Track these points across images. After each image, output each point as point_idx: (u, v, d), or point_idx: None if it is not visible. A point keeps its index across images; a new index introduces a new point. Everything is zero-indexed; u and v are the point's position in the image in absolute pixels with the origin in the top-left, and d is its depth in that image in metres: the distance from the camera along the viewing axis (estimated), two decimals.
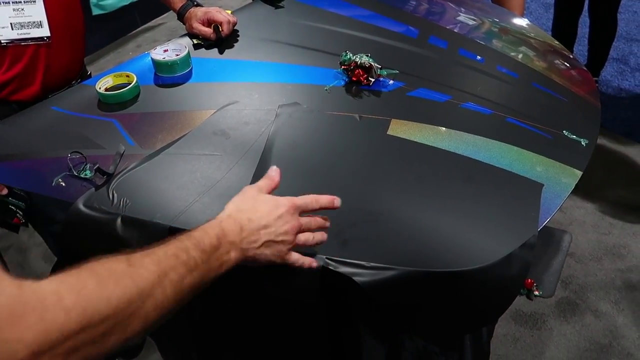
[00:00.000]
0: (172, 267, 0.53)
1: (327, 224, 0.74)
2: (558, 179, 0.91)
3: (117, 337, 0.46)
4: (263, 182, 0.73)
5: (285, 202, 0.69)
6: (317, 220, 0.73)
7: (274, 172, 0.75)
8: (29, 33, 1.19)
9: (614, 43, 2.66)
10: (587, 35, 2.69)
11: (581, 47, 2.94)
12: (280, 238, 0.67)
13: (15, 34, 1.17)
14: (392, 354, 0.89)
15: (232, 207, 0.68)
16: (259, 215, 0.66)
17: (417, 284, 0.76)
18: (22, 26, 1.17)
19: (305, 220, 0.71)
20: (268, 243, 0.66)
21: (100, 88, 1.10)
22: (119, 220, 0.81)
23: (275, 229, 0.67)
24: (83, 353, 0.43)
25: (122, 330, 0.47)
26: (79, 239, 0.86)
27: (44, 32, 1.20)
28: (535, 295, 1.76)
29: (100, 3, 3.26)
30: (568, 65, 1.31)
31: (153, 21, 3.85)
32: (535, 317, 1.71)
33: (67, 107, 1.09)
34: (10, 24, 1.16)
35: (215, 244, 0.60)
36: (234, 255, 0.63)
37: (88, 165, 0.90)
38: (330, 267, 0.74)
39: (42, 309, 0.40)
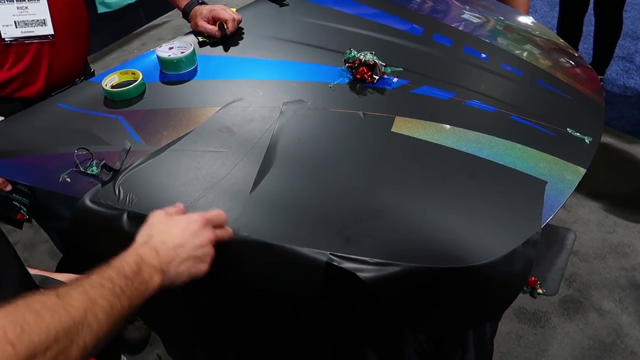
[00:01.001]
0: (100, 295, 0.56)
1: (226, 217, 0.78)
2: (562, 176, 0.91)
3: None
4: (170, 209, 0.76)
5: (197, 217, 0.73)
6: (220, 216, 0.76)
7: (180, 205, 0.78)
8: (33, 31, 1.20)
9: (619, 41, 2.65)
10: (592, 34, 2.68)
11: (586, 46, 2.93)
12: (197, 252, 0.70)
13: (19, 32, 1.18)
14: (395, 350, 0.89)
15: (144, 235, 0.70)
16: (172, 235, 0.69)
17: (420, 280, 0.76)
18: (25, 24, 1.18)
19: (219, 232, 0.75)
20: (187, 260, 0.69)
21: (106, 85, 1.10)
22: (125, 216, 0.82)
23: (193, 243, 0.70)
24: None
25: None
26: (85, 234, 0.87)
27: (48, 30, 1.21)
28: (539, 294, 1.76)
29: (106, 1, 3.27)
30: (573, 63, 1.31)
31: (158, 19, 3.85)
32: (538, 315, 1.71)
33: (73, 104, 1.09)
34: (15, 22, 1.17)
35: (135, 270, 0.62)
36: (156, 278, 0.64)
37: (94, 162, 0.91)
38: (334, 263, 0.75)
39: None
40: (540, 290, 1.76)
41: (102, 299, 0.55)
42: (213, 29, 1.30)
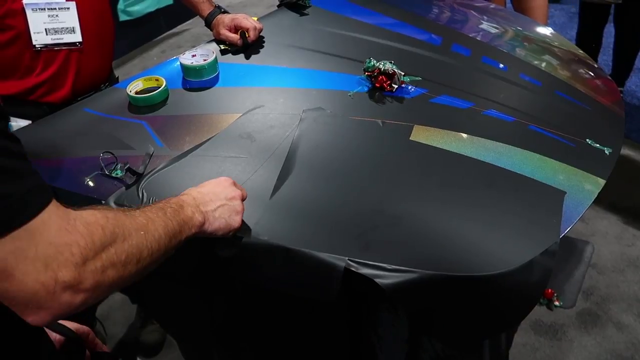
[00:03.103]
0: (155, 216, 0.63)
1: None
2: (581, 187, 0.91)
3: (133, 266, 0.57)
4: None
5: (227, 178, 0.81)
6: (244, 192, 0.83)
7: None
8: (62, 38, 1.23)
9: (639, 53, 2.63)
10: (611, 45, 2.66)
11: (605, 57, 2.91)
12: (231, 203, 0.77)
13: (49, 39, 1.22)
14: (411, 356, 0.89)
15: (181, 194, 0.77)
16: (206, 187, 0.78)
17: (438, 288, 0.76)
18: (55, 32, 1.22)
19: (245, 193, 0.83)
20: (222, 206, 0.76)
21: (130, 91, 1.13)
22: None
23: (225, 194, 0.77)
24: (111, 274, 0.53)
25: (137, 259, 0.57)
26: None
27: (77, 37, 1.24)
28: (556, 306, 1.74)
29: (127, 9, 3.34)
30: (592, 74, 1.31)
31: (177, 27, 3.92)
32: (555, 328, 1.69)
33: (98, 109, 1.12)
34: (45, 29, 1.21)
35: (178, 208, 0.69)
36: (198, 216, 0.71)
37: (119, 165, 0.93)
38: (352, 269, 0.75)
39: (87, 229, 0.52)
40: (557, 303, 1.74)
41: (158, 219, 0.63)
42: (235, 37, 1.33)
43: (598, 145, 1.01)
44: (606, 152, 1.00)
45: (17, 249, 0.47)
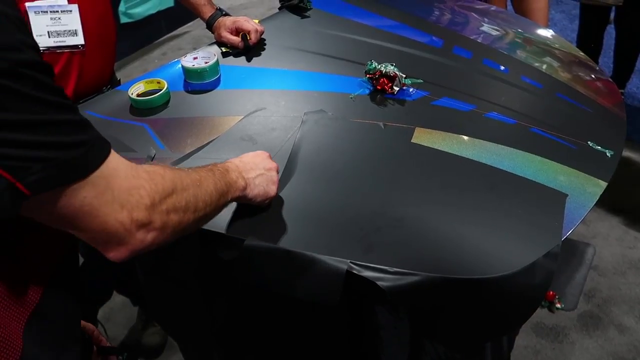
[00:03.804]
0: (205, 175, 0.68)
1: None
2: (582, 189, 0.91)
3: (191, 214, 0.62)
4: None
5: (264, 151, 0.86)
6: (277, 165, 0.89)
7: None
8: (65, 41, 1.23)
9: None
10: (612, 47, 2.66)
11: (606, 59, 2.91)
12: (269, 173, 0.83)
13: (51, 42, 1.22)
14: (413, 359, 0.89)
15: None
16: (247, 158, 0.82)
17: (440, 290, 0.76)
18: (58, 34, 1.22)
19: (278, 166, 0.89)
20: (261, 175, 0.81)
21: (132, 94, 1.13)
22: None
23: (263, 165, 0.83)
24: (174, 217, 0.59)
25: (194, 208, 0.62)
26: None
27: (79, 40, 1.24)
28: (557, 308, 1.74)
29: (129, 12, 3.34)
30: (593, 76, 1.31)
31: (178, 30, 3.93)
32: (557, 330, 1.69)
33: (100, 112, 1.12)
34: (48, 32, 1.21)
35: (225, 170, 0.74)
36: (241, 181, 0.76)
37: None
38: (354, 271, 0.75)
39: (149, 175, 0.57)
40: (558, 305, 1.74)
41: (209, 177, 0.68)
42: (236, 39, 1.33)
43: (599, 147, 1.01)
44: (607, 154, 1.00)
45: (98, 193, 0.51)
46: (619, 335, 1.66)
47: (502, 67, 1.29)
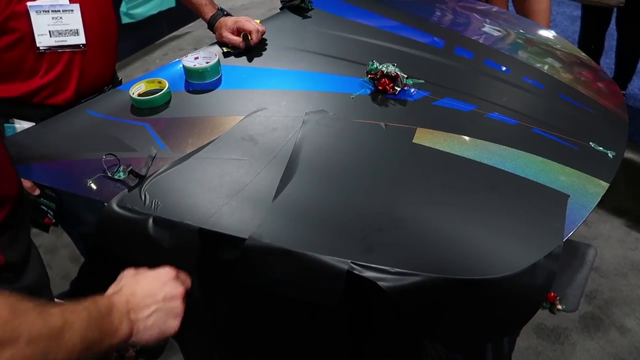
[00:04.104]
0: (77, 319, 0.54)
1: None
2: (584, 190, 0.91)
3: None
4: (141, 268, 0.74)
5: (168, 271, 0.70)
6: (188, 280, 0.74)
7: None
8: (66, 40, 1.23)
9: None
10: (614, 49, 2.66)
11: (608, 60, 2.90)
12: (169, 305, 0.67)
13: (53, 41, 1.22)
14: (414, 359, 0.89)
15: (113, 288, 0.68)
16: (142, 285, 0.67)
17: (441, 291, 0.76)
18: (59, 34, 1.22)
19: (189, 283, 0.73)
20: (157, 311, 0.65)
21: (133, 93, 1.13)
22: (150, 221, 0.84)
23: (163, 294, 0.67)
24: None
25: None
26: (111, 237, 0.89)
27: (80, 39, 1.24)
28: (559, 309, 1.73)
29: (130, 12, 3.35)
30: (595, 77, 1.31)
31: (179, 30, 3.93)
32: (558, 332, 1.68)
33: (101, 111, 1.12)
34: (49, 31, 1.21)
35: (106, 311, 0.60)
36: (125, 326, 0.61)
37: (121, 167, 0.93)
38: (355, 272, 0.75)
39: None
40: (559, 306, 1.73)
41: (79, 322, 0.54)
42: (237, 40, 1.33)
43: (601, 148, 1.01)
44: (609, 155, 1.00)
45: None
46: (620, 336, 1.66)
47: (504, 68, 1.28)
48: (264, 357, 1.03)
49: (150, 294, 0.66)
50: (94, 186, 0.92)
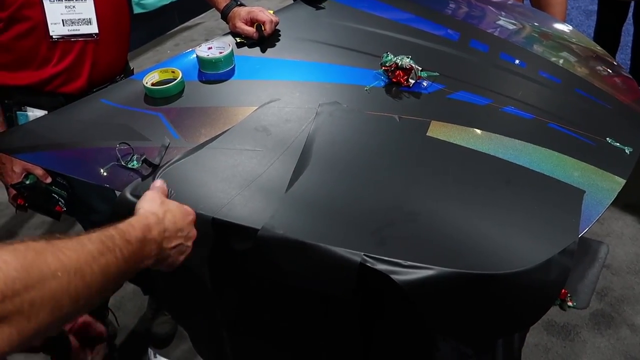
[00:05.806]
0: (97, 250, 0.55)
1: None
2: (600, 186, 0.90)
3: (47, 312, 0.48)
4: (160, 187, 0.79)
5: (192, 211, 0.76)
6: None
7: (159, 183, 0.80)
8: (79, 29, 1.24)
9: None
10: (629, 44, 2.62)
11: (623, 56, 2.87)
12: (188, 243, 0.73)
13: (65, 30, 1.22)
14: (425, 353, 0.89)
15: (155, 208, 0.70)
16: (178, 219, 0.72)
17: (454, 285, 0.76)
18: (72, 23, 1.22)
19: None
20: (179, 246, 0.71)
21: (147, 83, 1.13)
22: None
23: (187, 233, 0.73)
24: (16, 322, 0.45)
25: (53, 306, 0.48)
26: None
27: (93, 29, 1.25)
28: (569, 306, 1.71)
29: (142, 2, 3.35)
30: (612, 72, 1.29)
31: (191, 21, 3.93)
32: (568, 328, 1.68)
33: (115, 100, 1.12)
34: (62, 20, 1.21)
35: (140, 238, 0.63)
36: (154, 253, 0.65)
37: (135, 156, 0.93)
38: (368, 264, 0.75)
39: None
40: (570, 303, 1.72)
41: (100, 254, 0.55)
42: (251, 30, 1.32)
43: (618, 144, 1.00)
44: (626, 151, 0.99)
45: None
46: (632, 334, 1.65)
47: (519, 62, 1.27)
48: (273, 348, 1.03)
49: (181, 230, 0.72)
50: (107, 175, 0.92)
